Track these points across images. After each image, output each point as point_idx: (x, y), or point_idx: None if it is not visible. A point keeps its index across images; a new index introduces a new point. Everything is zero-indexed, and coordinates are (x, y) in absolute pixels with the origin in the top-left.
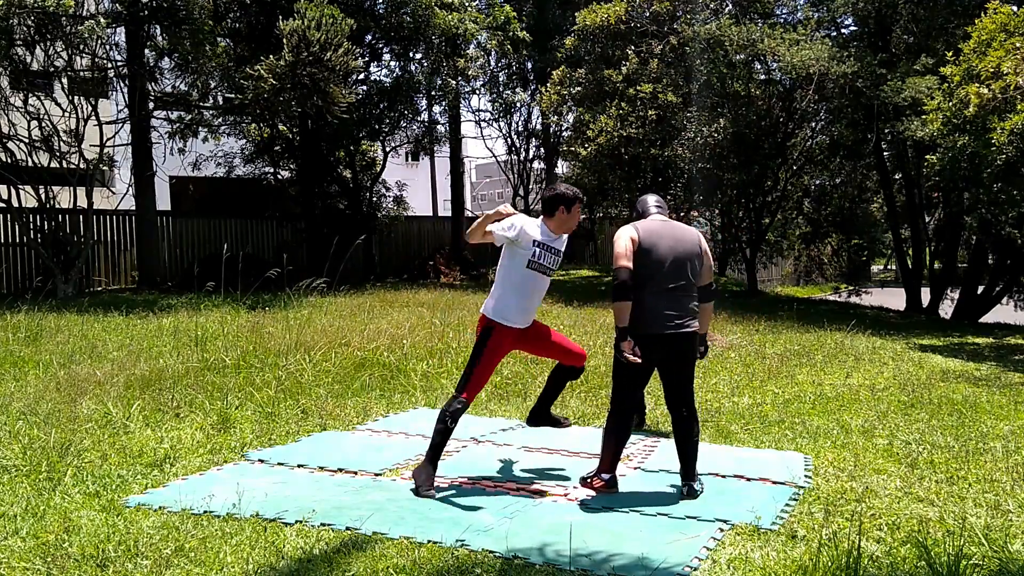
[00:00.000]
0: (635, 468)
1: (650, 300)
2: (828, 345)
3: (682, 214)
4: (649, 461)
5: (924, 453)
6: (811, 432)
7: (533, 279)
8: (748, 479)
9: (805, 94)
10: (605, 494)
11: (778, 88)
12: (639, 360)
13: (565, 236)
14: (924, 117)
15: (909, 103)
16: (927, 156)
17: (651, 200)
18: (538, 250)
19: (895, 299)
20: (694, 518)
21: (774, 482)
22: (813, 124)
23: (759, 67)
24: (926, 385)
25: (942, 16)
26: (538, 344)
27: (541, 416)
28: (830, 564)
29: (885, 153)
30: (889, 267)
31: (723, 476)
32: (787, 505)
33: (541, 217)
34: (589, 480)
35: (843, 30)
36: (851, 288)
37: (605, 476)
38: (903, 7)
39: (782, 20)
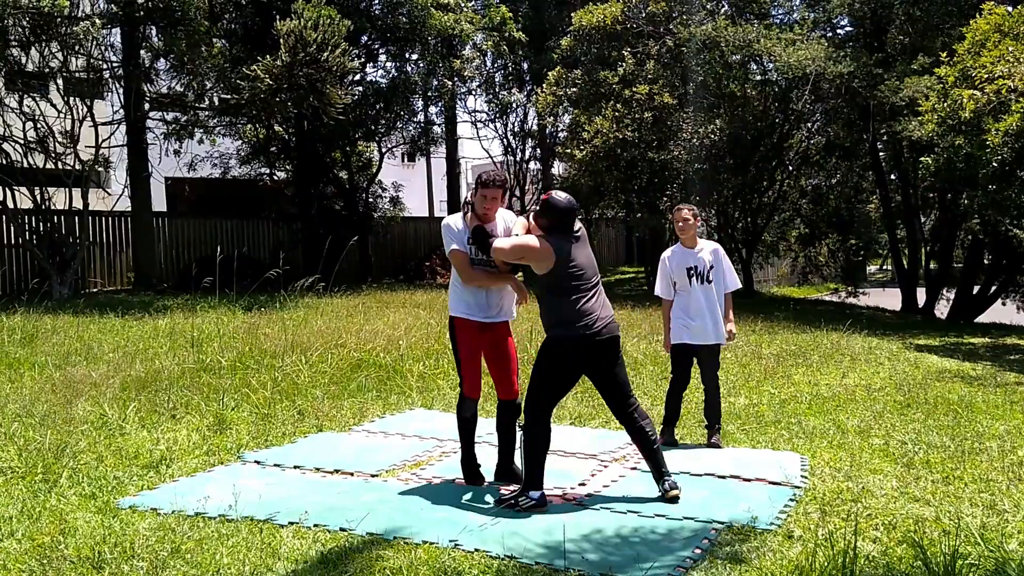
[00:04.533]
0: (632, 468)
1: (586, 303)
2: (824, 345)
3: None
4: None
5: (920, 453)
6: (807, 432)
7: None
8: (745, 479)
9: (801, 94)
10: (538, 512)
11: (774, 89)
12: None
13: (494, 224)
14: (920, 118)
15: (906, 103)
16: (922, 158)
17: (563, 201)
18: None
19: (891, 299)
20: (691, 519)
21: (771, 482)
22: (809, 124)
23: (755, 68)
24: (922, 385)
25: (937, 16)
26: (498, 352)
27: (504, 472)
28: (826, 564)
29: (881, 154)
30: (885, 267)
31: (720, 476)
32: (784, 506)
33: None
34: (514, 501)
35: (839, 30)
36: (849, 288)
37: (534, 495)
38: (898, 7)
39: (778, 21)
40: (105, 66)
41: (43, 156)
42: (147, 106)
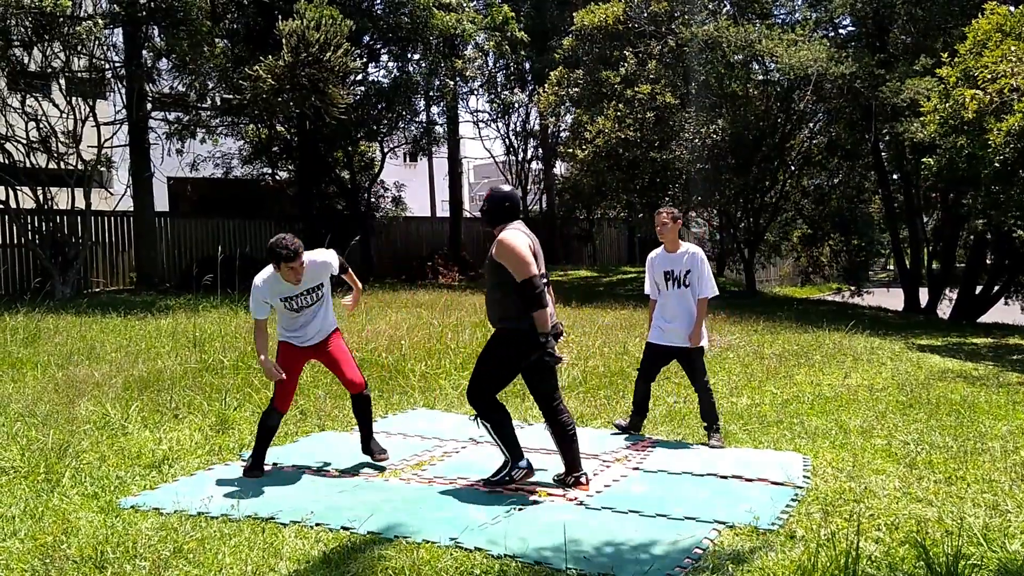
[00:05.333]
0: (634, 468)
1: (546, 297)
2: (827, 345)
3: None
4: (648, 462)
5: (922, 453)
6: (810, 432)
7: (297, 316)
8: (747, 480)
9: (803, 95)
10: (532, 481)
11: (776, 89)
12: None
13: (317, 271)
14: (922, 119)
15: (907, 104)
16: (924, 159)
17: (508, 188)
18: (288, 302)
19: (893, 299)
20: (692, 519)
21: (773, 483)
22: (811, 125)
23: (757, 68)
24: (924, 385)
25: (939, 16)
26: (327, 360)
27: (365, 448)
28: (828, 564)
29: (883, 154)
30: (887, 267)
31: (722, 477)
32: (786, 506)
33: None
34: (507, 477)
35: (841, 30)
36: (852, 288)
37: (522, 464)
38: (901, 7)
39: (780, 21)
40: (107, 66)
41: (46, 156)
42: (149, 106)
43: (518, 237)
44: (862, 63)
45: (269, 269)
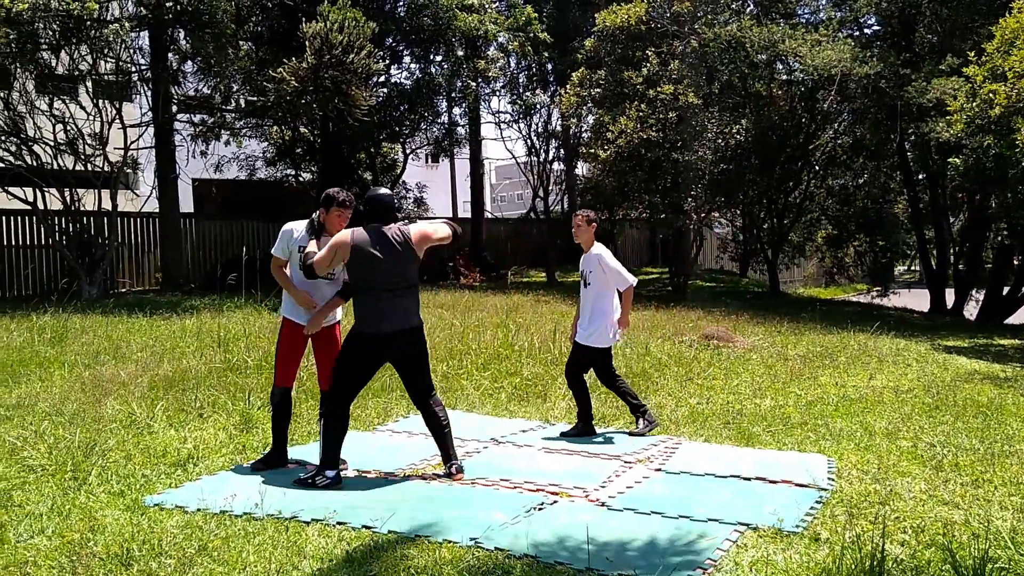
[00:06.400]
0: (657, 470)
1: (379, 303)
2: (851, 346)
3: (702, 215)
4: (671, 463)
5: (949, 455)
6: (834, 434)
7: (312, 284)
8: (771, 481)
9: (828, 95)
10: (335, 490)
11: (800, 89)
12: None
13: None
14: (948, 118)
15: (933, 104)
16: (950, 160)
17: (377, 201)
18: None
19: (919, 300)
20: (716, 520)
21: (797, 485)
22: (836, 125)
23: (781, 68)
24: (951, 387)
25: (966, 15)
26: (324, 348)
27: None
28: (853, 567)
29: (908, 154)
30: (912, 268)
31: (746, 478)
32: (810, 508)
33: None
34: (311, 480)
35: (866, 30)
36: (879, 289)
37: (330, 474)
38: (927, 6)
39: (804, 20)
40: (133, 69)
41: (73, 158)
42: (175, 108)
43: (342, 236)
44: (887, 63)
45: (303, 222)
